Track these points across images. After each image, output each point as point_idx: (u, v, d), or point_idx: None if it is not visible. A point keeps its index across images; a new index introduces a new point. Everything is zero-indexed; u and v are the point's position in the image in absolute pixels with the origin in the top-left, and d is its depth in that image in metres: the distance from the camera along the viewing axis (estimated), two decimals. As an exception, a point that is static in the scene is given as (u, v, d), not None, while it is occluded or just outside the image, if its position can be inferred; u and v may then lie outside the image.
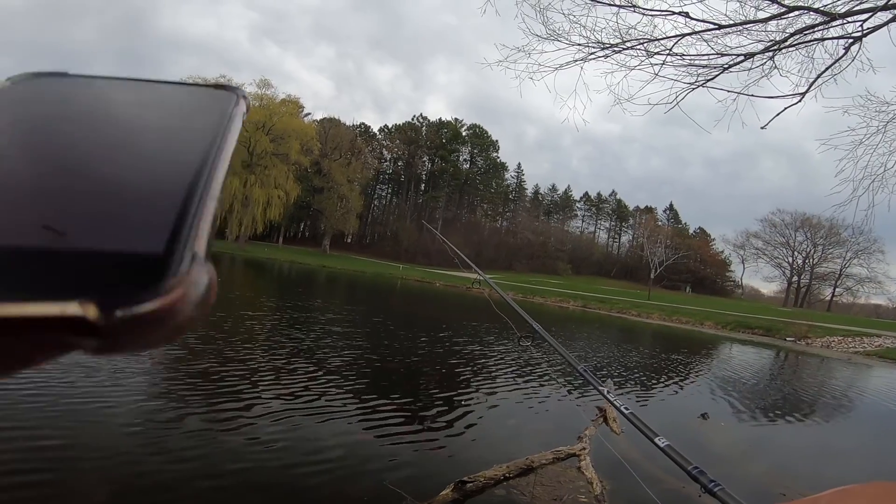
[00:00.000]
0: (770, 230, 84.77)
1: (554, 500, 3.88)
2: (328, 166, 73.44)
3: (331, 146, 75.62)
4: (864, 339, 26.12)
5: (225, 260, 40.40)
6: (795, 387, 12.45)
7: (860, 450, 7.30)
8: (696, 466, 1.63)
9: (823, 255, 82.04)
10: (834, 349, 24.54)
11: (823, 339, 26.34)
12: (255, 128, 60.04)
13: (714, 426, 7.12)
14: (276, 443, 4.57)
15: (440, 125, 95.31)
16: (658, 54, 5.80)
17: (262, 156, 60.99)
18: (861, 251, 76.49)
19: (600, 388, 2.44)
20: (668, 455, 1.77)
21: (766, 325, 29.79)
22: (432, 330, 13.92)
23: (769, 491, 4.79)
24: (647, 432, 1.97)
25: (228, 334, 9.15)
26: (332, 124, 79.21)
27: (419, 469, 4.37)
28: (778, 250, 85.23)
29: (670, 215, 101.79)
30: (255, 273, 31.75)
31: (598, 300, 39.32)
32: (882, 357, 22.37)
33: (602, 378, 9.67)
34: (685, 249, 70.02)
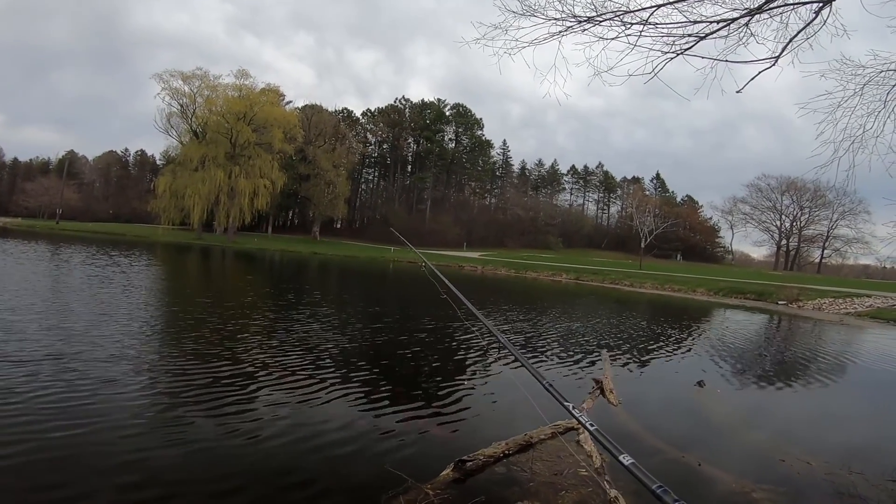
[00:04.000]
0: (757, 195, 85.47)
1: (555, 474, 3.94)
2: (313, 153, 72.96)
3: (314, 133, 75.01)
4: (854, 301, 26.39)
5: (215, 252, 40.26)
6: (790, 351, 12.62)
7: (859, 413, 7.34)
8: (660, 485, 1.65)
9: (810, 217, 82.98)
10: (825, 311, 24.80)
11: (815, 302, 26.59)
12: (235, 118, 59.38)
13: (710, 394, 7.21)
14: (275, 430, 4.60)
15: (423, 106, 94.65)
16: (635, 25, 5.78)
17: (245, 146, 60.43)
18: (847, 212, 77.40)
19: (566, 404, 2.43)
20: (632, 473, 1.79)
21: (757, 290, 30.04)
22: (426, 311, 13.96)
23: (769, 457, 4.86)
24: (612, 449, 1.97)
25: (223, 324, 9.18)
26: (315, 111, 78.50)
27: (419, 450, 4.40)
28: (765, 214, 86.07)
29: (657, 185, 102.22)
30: (246, 264, 31.63)
31: (590, 272, 39.51)
32: (874, 317, 22.58)
33: (596, 349, 9.78)
34: (674, 218, 70.28)
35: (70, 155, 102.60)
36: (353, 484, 3.80)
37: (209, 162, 58.74)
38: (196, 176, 57.86)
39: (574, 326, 13.04)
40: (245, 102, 60.57)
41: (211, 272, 25.05)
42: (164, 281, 18.10)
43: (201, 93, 60.61)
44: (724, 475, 4.23)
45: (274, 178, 60.84)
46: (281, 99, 70.11)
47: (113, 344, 6.99)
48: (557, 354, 9.20)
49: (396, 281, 28.60)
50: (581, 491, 3.68)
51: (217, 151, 59.30)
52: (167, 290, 15.37)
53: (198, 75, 60.58)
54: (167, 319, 9.96)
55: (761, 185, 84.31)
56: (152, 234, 57.06)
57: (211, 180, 57.59)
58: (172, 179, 58.59)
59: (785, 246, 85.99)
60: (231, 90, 61.86)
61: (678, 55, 5.79)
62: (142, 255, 28.08)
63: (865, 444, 5.57)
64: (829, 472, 4.51)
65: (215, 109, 60.57)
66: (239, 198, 58.70)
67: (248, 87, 63.03)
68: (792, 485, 4.19)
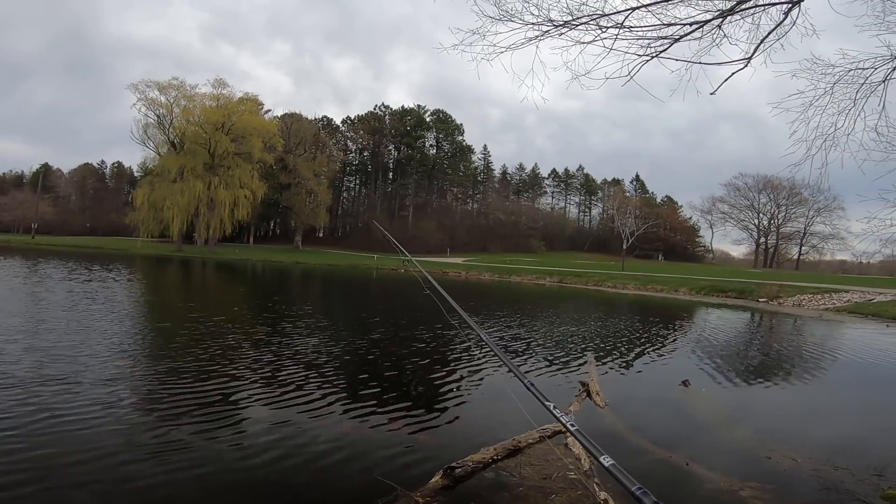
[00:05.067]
0: (734, 194, 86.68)
1: (543, 478, 3.92)
2: (293, 162, 72.66)
3: (294, 141, 74.73)
4: (832, 296, 26.82)
5: (196, 264, 39.81)
6: (773, 348, 12.77)
7: (843, 408, 7.40)
8: (640, 487, 1.63)
9: (787, 215, 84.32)
10: (805, 307, 25.18)
11: (794, 298, 26.98)
12: (214, 128, 58.92)
13: (695, 393, 7.25)
14: (263, 441, 4.55)
15: (403, 113, 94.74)
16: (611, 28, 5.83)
17: (224, 156, 59.98)
18: (822, 209, 78.83)
19: (546, 403, 2.42)
20: (612, 474, 1.78)
21: (738, 288, 30.42)
22: (412, 318, 13.92)
23: (755, 454, 4.89)
24: (592, 450, 1.95)
25: (207, 336, 9.06)
26: (294, 119, 78.21)
27: (409, 458, 4.37)
28: (743, 213, 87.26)
29: (637, 186, 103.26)
30: (228, 275, 31.31)
31: (573, 274, 39.74)
32: (851, 312, 22.98)
33: (581, 350, 9.81)
34: (654, 218, 70.97)
35: (44, 168, 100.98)
36: (342, 494, 3.77)
37: (188, 173, 58.20)
38: (175, 187, 57.28)
39: (559, 329, 13.08)
40: (223, 112, 60.16)
41: (193, 284, 24.73)
42: (148, 295, 17.84)
43: (178, 103, 60.16)
44: (711, 474, 4.25)
45: (254, 188, 60.47)
46: (259, 108, 69.82)
47: (102, 364, 6.84)
48: (543, 358, 9.21)
49: (381, 288, 28.52)
50: (570, 494, 3.67)
51: (196, 162, 58.77)
52: (151, 305, 15.14)
53: (174, 85, 60.13)
54: (153, 335, 9.80)
55: (739, 184, 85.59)
56: (131, 246, 56.30)
57: (190, 191, 57.05)
58: (150, 191, 57.96)
59: (764, 244, 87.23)
60: (208, 100, 61.46)
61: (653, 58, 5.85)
62: (122, 269, 27.63)
63: (850, 440, 5.63)
64: (815, 467, 4.55)
65: (193, 119, 60.11)
66: (219, 209, 58.22)
67: (225, 96, 62.75)
68: (779, 481, 4.22)
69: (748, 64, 5.33)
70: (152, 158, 66.42)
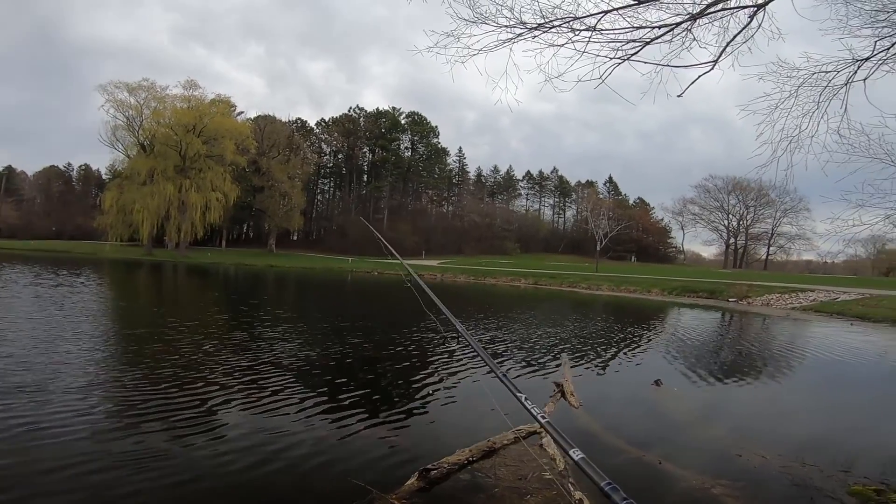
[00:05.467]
0: (704, 195, 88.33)
1: (519, 479, 3.94)
2: (266, 164, 71.92)
3: (268, 144, 73.99)
4: (799, 295, 27.49)
5: (167, 268, 39.12)
6: (743, 347, 13.00)
7: (811, 405, 7.57)
8: (609, 482, 1.62)
9: (755, 216, 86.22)
10: (773, 307, 25.75)
11: (763, 298, 27.57)
12: (185, 130, 58.02)
13: (668, 392, 7.35)
14: (237, 447, 4.50)
15: (378, 115, 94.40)
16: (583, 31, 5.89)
17: (195, 159, 59.12)
18: (789, 210, 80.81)
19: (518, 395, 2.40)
20: (581, 469, 1.76)
21: (709, 288, 30.97)
22: (388, 320, 13.88)
23: (726, 452, 4.97)
24: (563, 444, 1.94)
25: (179, 341, 8.89)
26: (268, 121, 77.44)
27: (385, 461, 4.36)
28: (713, 214, 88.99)
29: (610, 188, 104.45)
30: (200, 279, 30.81)
31: (548, 276, 40.02)
32: (817, 311, 23.61)
33: (555, 352, 9.87)
34: (627, 220, 71.87)
35: (7, 170, 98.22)
36: (317, 498, 3.75)
37: (158, 175, 57.25)
38: (144, 190, 56.30)
39: (535, 331, 13.14)
40: (194, 114, 59.30)
41: (164, 289, 24.28)
42: (118, 300, 17.45)
43: (148, 104, 59.09)
44: (684, 472, 4.31)
45: (226, 191, 59.71)
46: (232, 110, 69.04)
47: (73, 371, 6.66)
48: (519, 359, 9.25)
49: (356, 291, 28.33)
50: (545, 494, 3.68)
51: (166, 164, 57.84)
52: (122, 311, 14.80)
53: (144, 86, 59.09)
54: (124, 341, 9.57)
55: (709, 186, 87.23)
56: (99, 250, 55.09)
57: (160, 194, 56.13)
58: (119, 194, 56.89)
59: (733, 244, 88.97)
60: (180, 101, 60.55)
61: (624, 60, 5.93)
62: (90, 273, 27.02)
63: (818, 437, 5.75)
64: (784, 464, 4.65)
65: (163, 121, 59.16)
66: (190, 212, 57.36)
67: (197, 98, 61.90)
68: (749, 478, 4.30)
69: (715, 66, 5.44)
70: (121, 161, 65.16)
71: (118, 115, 58.63)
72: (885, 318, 19.97)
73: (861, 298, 25.54)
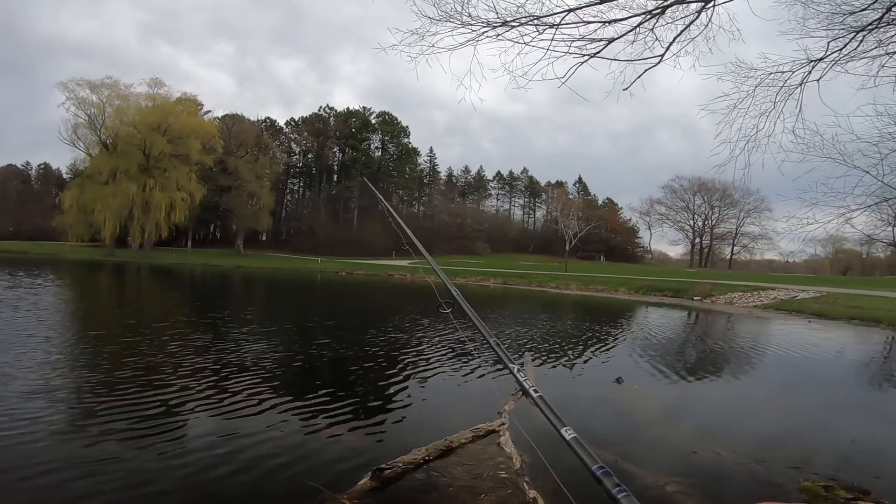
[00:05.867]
0: (671, 196, 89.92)
1: (474, 478, 3.90)
2: (234, 164, 70.81)
3: (235, 143, 72.90)
4: (760, 293, 28.14)
5: (130, 269, 38.19)
6: (704, 345, 13.23)
7: (768, 403, 7.60)
8: (601, 466, 1.53)
9: (720, 216, 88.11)
10: (736, 305, 26.31)
11: (726, 297, 28.14)
12: (149, 129, 56.73)
13: (628, 390, 7.41)
14: (193, 448, 4.42)
15: (348, 114, 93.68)
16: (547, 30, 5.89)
17: (159, 158, 57.86)
18: (752, 210, 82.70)
19: (511, 366, 2.35)
20: (573, 449, 1.68)
21: (674, 287, 31.49)
22: (354, 322, 13.75)
23: (682, 450, 5.00)
24: (554, 420, 1.86)
25: (141, 344, 8.66)
26: (235, 121, 76.27)
27: (339, 461, 4.30)
28: (679, 214, 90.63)
29: (580, 188, 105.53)
30: (163, 280, 30.13)
31: (517, 276, 40.21)
32: (777, 309, 24.21)
33: (520, 352, 9.88)
34: (596, 220, 72.76)
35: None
36: (268, 500, 3.68)
37: (121, 175, 55.88)
38: (106, 189, 54.88)
39: (502, 330, 13.15)
40: (159, 112, 58.03)
41: (127, 290, 23.68)
42: (78, 302, 16.95)
43: (111, 102, 57.56)
44: (639, 470, 4.32)
45: (192, 191, 58.57)
46: (199, 108, 67.81)
47: (29, 376, 6.42)
48: (487, 359, 9.22)
49: (325, 292, 28.04)
50: (500, 493, 3.65)
51: (129, 164, 56.47)
52: (83, 313, 14.37)
53: (107, 84, 57.55)
54: (84, 344, 9.24)
55: (675, 186, 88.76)
56: (59, 251, 53.44)
57: (123, 194, 54.76)
58: (80, 193, 55.33)
59: (699, 244, 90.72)
60: (144, 100, 59.18)
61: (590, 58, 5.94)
62: (49, 274, 26.19)
63: (774, 433, 5.84)
64: (738, 461, 4.70)
65: (127, 120, 57.65)
66: (154, 211, 56.13)
67: (162, 96, 60.56)
68: (703, 476, 4.33)
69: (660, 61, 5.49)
70: (82, 160, 63.30)
71: (79, 113, 57.03)
72: (841, 316, 20.54)
73: (819, 297, 26.29)
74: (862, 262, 79.48)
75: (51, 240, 65.11)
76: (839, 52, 5.43)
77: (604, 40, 5.89)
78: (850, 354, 12.82)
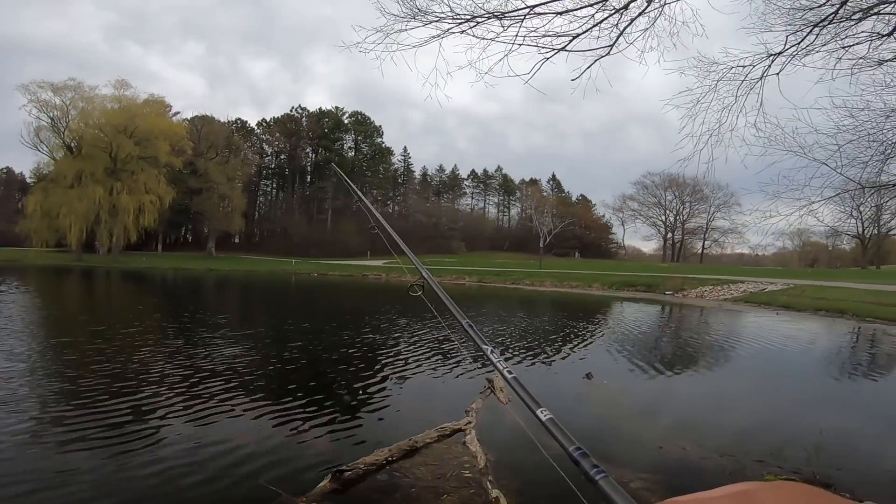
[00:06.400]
0: (643, 192, 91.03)
1: (437, 478, 3.84)
2: (204, 166, 69.63)
3: (205, 145, 71.71)
4: (730, 287, 28.63)
5: (98, 274, 37.30)
6: (675, 340, 13.38)
7: (736, 397, 7.68)
8: (578, 447, 1.49)
9: (691, 211, 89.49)
10: (707, 298, 26.74)
11: (697, 290, 28.60)
12: (115, 131, 55.42)
13: (597, 386, 7.43)
14: (153, 454, 4.35)
15: (321, 115, 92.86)
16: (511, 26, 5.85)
17: (127, 161, 56.58)
18: (722, 205, 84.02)
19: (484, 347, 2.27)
20: (548, 430, 1.63)
21: (646, 282, 31.89)
22: (329, 324, 13.58)
23: (648, 445, 5.01)
24: (529, 402, 1.81)
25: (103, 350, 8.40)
26: (205, 122, 75.05)
27: (300, 463, 4.25)
28: (651, 210, 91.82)
29: (554, 186, 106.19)
30: (134, 285, 29.44)
31: (493, 274, 40.31)
32: (746, 301, 24.69)
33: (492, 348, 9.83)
34: (570, 217, 73.32)
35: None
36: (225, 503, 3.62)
37: (86, 178, 54.46)
38: (71, 193, 53.47)
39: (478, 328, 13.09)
40: (126, 114, 56.67)
41: (96, 296, 23.09)
42: (44, 309, 16.44)
43: (75, 105, 56.00)
44: (605, 466, 4.29)
45: (161, 194, 57.44)
46: (167, 110, 66.40)
47: None
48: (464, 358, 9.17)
49: (299, 294, 27.70)
50: (463, 493, 3.60)
51: (95, 167, 55.08)
52: (49, 319, 13.93)
53: (70, 86, 55.94)
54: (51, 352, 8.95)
55: (647, 183, 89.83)
56: (23, 257, 51.89)
57: (89, 198, 53.41)
58: (44, 198, 53.81)
59: (671, 239, 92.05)
60: (110, 101, 57.73)
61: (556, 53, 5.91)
62: (14, 281, 25.43)
63: (742, 427, 5.88)
64: (704, 456, 4.72)
65: (92, 122, 56.23)
66: (122, 215, 54.86)
67: (128, 97, 59.13)
68: (668, 471, 4.34)
69: (610, 52, 5.51)
70: (46, 163, 61.64)
71: (42, 115, 55.37)
72: (808, 307, 20.99)
73: (787, 288, 26.81)
74: (828, 255, 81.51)
75: (14, 245, 63.33)
76: (797, 45, 5.50)
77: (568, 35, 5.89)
78: (820, 346, 13.08)
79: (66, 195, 53.35)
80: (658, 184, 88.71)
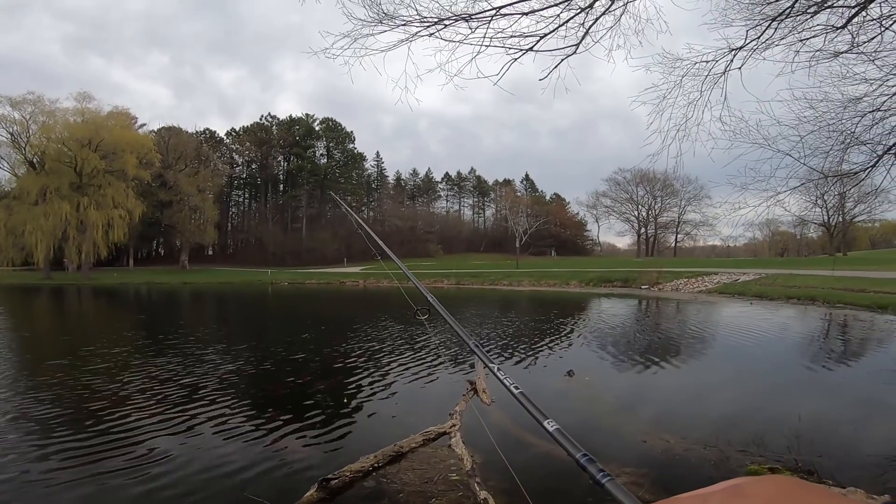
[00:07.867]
0: (615, 188, 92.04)
1: (425, 482, 3.84)
2: (174, 178, 68.60)
3: (174, 156, 70.67)
4: (704, 279, 29.12)
5: (69, 292, 36.44)
6: (653, 333, 13.53)
7: (716, 389, 7.73)
8: (585, 454, 1.52)
9: (663, 205, 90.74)
10: (682, 291, 27.17)
11: (672, 283, 29.02)
12: (79, 146, 54.24)
13: (579, 382, 7.49)
14: (135, 472, 4.26)
15: (291, 122, 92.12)
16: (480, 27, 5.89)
17: (93, 175, 55.41)
18: (692, 198, 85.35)
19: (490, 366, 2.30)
20: (556, 440, 1.66)
21: (623, 277, 32.26)
22: (309, 334, 13.47)
23: (631, 439, 5.07)
24: (536, 414, 1.83)
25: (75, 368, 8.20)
26: (172, 133, 73.91)
27: (286, 474, 4.22)
28: (624, 206, 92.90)
29: (527, 185, 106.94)
30: (106, 301, 28.83)
31: (471, 275, 40.41)
32: (721, 293, 25.16)
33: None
34: (545, 216, 73.86)
35: None
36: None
37: (51, 194, 53.22)
38: (36, 210, 52.20)
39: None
40: (90, 127, 55.48)
41: (67, 314, 22.53)
42: (14, 330, 15.94)
43: (35, 119, 54.67)
44: (588, 461, 4.33)
45: (130, 207, 56.40)
46: (133, 122, 65.23)
47: None
48: (447, 360, 9.19)
49: (277, 303, 27.41)
50: (451, 496, 3.61)
51: (60, 182, 53.85)
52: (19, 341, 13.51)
53: (30, 100, 54.58)
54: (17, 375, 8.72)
55: (618, 179, 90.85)
56: (-13, 278, 50.55)
57: (55, 214, 52.18)
58: (7, 216, 52.46)
59: (644, 234, 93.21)
60: (72, 115, 56.49)
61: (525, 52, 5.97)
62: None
63: (724, 417, 5.97)
64: (687, 448, 4.78)
65: (54, 137, 54.91)
66: (91, 231, 53.69)
67: (92, 110, 57.93)
68: (652, 465, 4.39)
69: (575, 51, 5.60)
70: (8, 180, 60.19)
71: (0, 131, 54.13)
72: (780, 296, 21.47)
73: (759, 279, 27.36)
74: (797, 244, 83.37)
75: (-22, 266, 61.65)
76: (757, 39, 5.64)
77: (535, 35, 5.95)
78: (793, 333, 13.30)
79: (31, 212, 52.08)
80: (629, 179, 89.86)
